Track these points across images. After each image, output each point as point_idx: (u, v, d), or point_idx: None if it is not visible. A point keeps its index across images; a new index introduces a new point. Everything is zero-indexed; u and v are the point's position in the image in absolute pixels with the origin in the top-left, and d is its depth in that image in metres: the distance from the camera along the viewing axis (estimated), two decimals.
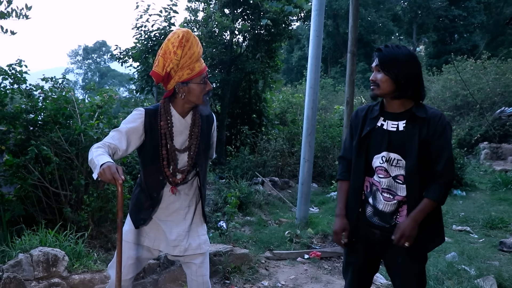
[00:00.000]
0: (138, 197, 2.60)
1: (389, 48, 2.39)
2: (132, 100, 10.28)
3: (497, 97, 20.07)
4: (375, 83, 2.43)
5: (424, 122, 2.36)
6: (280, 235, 5.97)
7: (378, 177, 2.47)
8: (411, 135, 2.37)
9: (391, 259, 2.49)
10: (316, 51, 6.65)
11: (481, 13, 34.91)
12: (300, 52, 37.00)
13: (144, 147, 2.52)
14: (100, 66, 68.90)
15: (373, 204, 2.50)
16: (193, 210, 2.64)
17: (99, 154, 2.19)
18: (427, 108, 2.43)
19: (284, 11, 10.56)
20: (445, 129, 2.36)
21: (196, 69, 2.43)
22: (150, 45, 8.77)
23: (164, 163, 2.48)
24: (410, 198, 2.38)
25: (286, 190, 9.80)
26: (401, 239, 2.33)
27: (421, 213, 2.34)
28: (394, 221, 2.44)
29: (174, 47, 2.35)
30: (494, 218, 7.47)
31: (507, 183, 10.73)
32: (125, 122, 2.47)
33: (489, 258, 5.45)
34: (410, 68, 2.36)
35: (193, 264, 2.63)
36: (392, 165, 2.42)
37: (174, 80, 2.43)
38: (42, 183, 4.79)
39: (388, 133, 2.44)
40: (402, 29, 40.85)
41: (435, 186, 2.34)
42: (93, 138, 4.91)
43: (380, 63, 2.39)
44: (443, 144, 2.35)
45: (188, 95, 2.46)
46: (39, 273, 3.46)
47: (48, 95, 5.15)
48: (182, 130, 2.53)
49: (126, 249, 2.55)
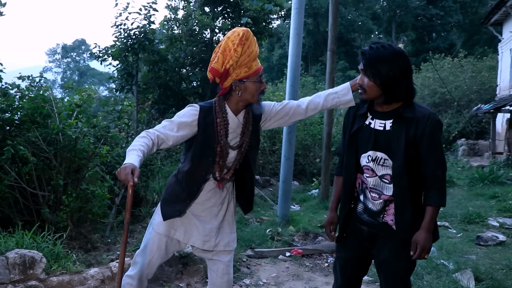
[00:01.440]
0: (174, 188, 2.62)
1: (373, 50, 2.31)
2: (112, 99, 10.16)
3: (473, 95, 20.45)
4: (362, 88, 2.38)
5: (412, 122, 2.31)
6: (262, 233, 5.98)
7: (366, 176, 2.47)
8: (397, 135, 2.33)
9: (377, 255, 2.48)
10: (296, 49, 6.67)
11: (458, 13, 35.47)
12: (281, 50, 37.03)
13: (195, 142, 2.52)
14: (79, 65, 68.03)
15: (363, 201, 2.51)
16: (225, 208, 2.67)
17: (133, 148, 2.26)
18: (416, 107, 2.36)
19: (265, 10, 10.53)
20: (434, 129, 2.30)
21: (253, 67, 2.47)
22: (130, 44, 8.65)
23: (217, 159, 2.52)
24: (397, 199, 2.36)
25: (267, 188, 9.82)
26: (421, 253, 2.31)
27: (432, 222, 2.33)
28: (381, 219, 2.44)
29: (235, 45, 2.39)
30: (472, 213, 7.61)
31: (484, 179, 10.93)
32: (178, 115, 2.51)
33: (466, 252, 5.54)
34: (396, 70, 2.28)
35: (220, 262, 2.65)
36: (379, 164, 2.41)
37: (232, 77, 2.45)
38: (19, 183, 4.71)
39: (375, 132, 2.41)
40: (381, 28, 41.21)
41: (433, 193, 2.33)
42: (72, 137, 4.86)
43: (364, 68, 2.34)
44: (432, 145, 2.31)
45: (244, 93, 2.48)
46: (15, 276, 3.40)
47: (25, 94, 5.07)
48: (235, 128, 2.55)
49: (157, 239, 2.60)
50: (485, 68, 21.42)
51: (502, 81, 17.32)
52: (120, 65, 9.13)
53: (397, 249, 2.38)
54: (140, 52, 8.87)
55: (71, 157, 4.98)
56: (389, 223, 2.43)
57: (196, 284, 4.35)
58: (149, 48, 9.04)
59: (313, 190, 9.74)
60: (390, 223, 2.42)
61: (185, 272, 4.43)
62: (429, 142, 2.30)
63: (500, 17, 16.85)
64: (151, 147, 2.34)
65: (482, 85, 20.62)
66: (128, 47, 8.75)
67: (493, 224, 7.13)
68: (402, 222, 2.36)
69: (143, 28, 8.82)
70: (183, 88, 10.60)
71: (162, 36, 10.39)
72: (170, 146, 2.49)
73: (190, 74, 10.55)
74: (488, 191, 9.84)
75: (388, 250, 2.40)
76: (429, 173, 2.33)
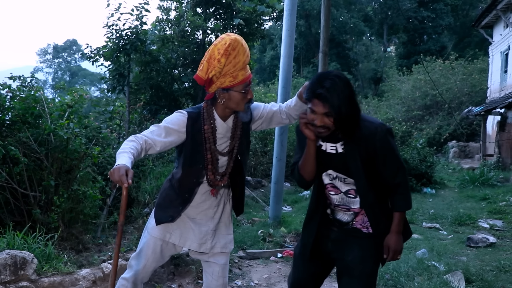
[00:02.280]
0: (168, 193, 2.61)
1: (328, 89, 2.17)
2: (103, 100, 10.13)
3: (464, 97, 20.61)
4: (326, 128, 2.23)
5: (361, 141, 2.29)
6: (253, 234, 5.98)
7: (329, 194, 2.46)
8: (352, 156, 2.31)
9: (343, 256, 2.44)
10: (288, 50, 6.69)
11: (449, 15, 35.72)
12: (273, 52, 37.05)
13: (184, 149, 2.52)
14: (71, 65, 67.54)
15: (332, 214, 2.51)
16: (221, 209, 2.66)
17: (123, 151, 2.25)
18: (361, 123, 2.30)
19: (257, 11, 10.56)
20: (384, 141, 2.30)
21: (239, 77, 2.40)
22: (122, 44, 8.63)
23: (209, 166, 2.50)
24: (369, 215, 2.39)
25: (259, 190, 9.83)
26: (394, 255, 2.37)
27: (400, 225, 2.38)
28: (350, 226, 2.46)
29: (219, 54, 2.33)
30: (462, 215, 7.67)
31: (474, 181, 11.02)
32: (166, 121, 2.49)
33: (457, 254, 5.58)
34: (353, 102, 2.23)
35: (216, 264, 2.64)
36: (341, 181, 2.41)
37: (216, 85, 2.41)
38: (10, 184, 4.67)
39: (329, 155, 2.39)
40: (373, 30, 41.39)
41: (397, 197, 2.37)
42: (63, 138, 4.83)
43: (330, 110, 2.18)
44: (387, 155, 2.32)
45: (228, 102, 2.44)
46: (6, 276, 3.37)
47: (16, 94, 5.03)
48: (224, 133, 2.53)
49: (152, 243, 2.58)
50: (476, 70, 21.61)
51: (493, 83, 17.47)
52: (112, 65, 9.10)
53: (366, 250, 2.39)
54: (132, 52, 8.85)
55: (63, 157, 4.95)
56: (358, 227, 2.45)
57: (188, 285, 4.34)
58: (141, 48, 9.02)
59: (305, 192, 9.75)
60: (359, 227, 2.44)
61: (176, 273, 4.42)
62: (383, 155, 2.31)
63: (491, 20, 17.01)
64: (140, 151, 2.33)
65: (473, 87, 20.80)
66: (120, 48, 8.73)
67: (483, 226, 7.19)
68: (379, 232, 2.40)
69: (135, 29, 8.80)
70: (175, 89, 10.59)
71: (154, 37, 10.39)
72: (157, 152, 2.47)
73: (182, 75, 10.55)
74: (479, 193, 9.92)
75: (356, 251, 2.40)
76: (390, 181, 2.36)
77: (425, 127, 20.26)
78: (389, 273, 4.64)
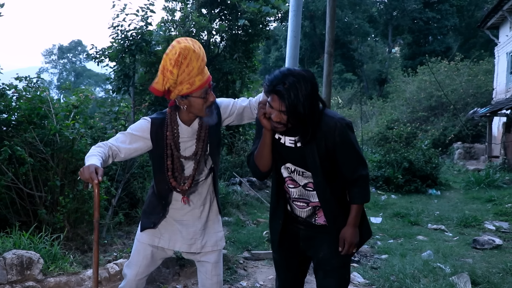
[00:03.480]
0: (151, 199, 2.63)
1: (288, 87, 2.12)
2: (108, 100, 10.15)
3: (469, 98, 20.53)
4: (282, 124, 2.20)
5: (321, 135, 2.27)
6: (258, 235, 5.98)
7: (288, 187, 2.45)
8: (310, 152, 2.29)
9: (315, 254, 2.48)
10: (294, 51, 6.67)
11: (454, 16, 35.63)
12: (277, 52, 37.09)
13: (152, 156, 2.54)
14: (76, 66, 67.77)
15: (291, 210, 2.51)
16: (208, 208, 2.65)
17: (92, 154, 2.25)
18: (322, 120, 2.27)
19: (262, 12, 10.57)
20: (344, 136, 2.27)
21: (196, 83, 2.34)
22: (127, 45, 8.64)
23: (169, 173, 2.47)
24: (326, 210, 2.38)
25: (264, 190, 9.81)
26: (349, 248, 2.37)
27: (357, 218, 2.38)
28: (314, 222, 2.46)
29: (171, 65, 2.28)
30: (468, 216, 7.63)
31: (480, 182, 10.97)
32: (131, 128, 2.49)
33: (463, 256, 5.55)
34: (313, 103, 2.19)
35: (208, 263, 2.64)
36: (299, 175, 2.40)
37: (174, 93, 2.38)
38: (16, 184, 4.69)
39: (287, 149, 2.36)
40: (378, 31, 41.37)
41: (355, 190, 2.36)
42: (69, 138, 4.84)
43: (287, 109, 2.14)
44: (346, 150, 2.30)
45: (189, 108, 2.42)
46: (12, 276, 3.39)
47: (22, 95, 5.05)
48: (190, 136, 2.51)
49: (142, 249, 2.59)
50: (481, 71, 21.52)
51: (499, 84, 17.39)
52: (117, 66, 9.12)
53: (335, 245, 2.40)
54: (137, 53, 8.86)
55: (68, 158, 4.96)
56: (322, 224, 2.45)
57: (193, 285, 4.35)
58: (146, 49, 9.03)
59: None
60: (323, 223, 2.45)
61: (182, 273, 4.42)
62: (342, 149, 2.29)
63: (497, 21, 16.93)
64: (108, 157, 2.33)
65: (479, 88, 20.71)
66: (125, 49, 8.74)
67: (489, 227, 7.15)
68: (337, 228, 2.40)
69: (140, 30, 8.81)
70: None
71: (159, 38, 10.40)
72: (123, 159, 2.45)
73: None
74: (484, 194, 9.87)
75: (326, 247, 2.43)
76: (349, 174, 2.35)
77: (430, 128, 20.19)
78: (395, 275, 4.63)
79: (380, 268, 4.96)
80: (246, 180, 9.44)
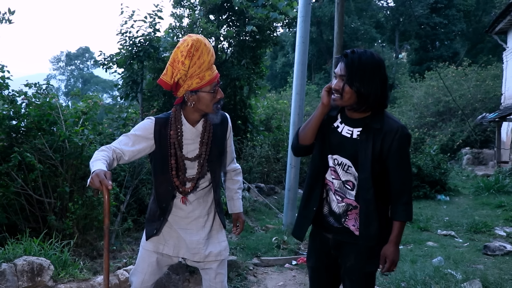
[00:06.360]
0: (151, 206, 2.63)
1: (356, 56, 2.22)
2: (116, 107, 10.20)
3: (478, 103, 20.44)
4: (339, 92, 2.26)
5: (379, 134, 2.26)
6: (267, 242, 5.95)
7: (331, 177, 2.43)
8: (364, 146, 2.28)
9: (342, 262, 2.47)
10: (302, 57, 6.68)
11: (461, 21, 35.55)
12: (284, 58, 37.13)
13: (155, 156, 2.51)
14: (83, 72, 68.24)
15: (329, 202, 2.48)
16: (212, 217, 2.64)
17: (96, 159, 2.21)
18: (386, 118, 2.30)
19: (269, 18, 10.60)
20: (402, 144, 2.27)
21: (206, 78, 2.36)
22: (135, 51, 8.70)
23: (173, 172, 2.47)
24: (362, 212, 2.34)
25: (272, 196, 9.79)
26: (391, 267, 2.36)
27: (399, 236, 2.37)
28: (343, 223, 2.43)
29: (183, 57, 2.30)
30: (478, 222, 7.57)
31: (489, 188, 10.88)
32: (134, 129, 2.48)
33: (474, 262, 5.49)
34: (376, 80, 2.23)
35: (212, 270, 2.62)
36: (343, 169, 2.37)
37: (183, 88, 2.38)
38: (26, 190, 4.71)
39: (342, 138, 2.36)
40: (385, 36, 41.30)
41: (400, 208, 2.33)
42: (78, 144, 4.86)
43: (346, 73, 2.22)
44: (400, 160, 2.29)
45: (197, 104, 2.42)
46: (23, 283, 3.39)
47: (31, 101, 5.07)
48: (194, 138, 2.50)
49: (147, 257, 2.59)
50: (489, 76, 21.43)
51: (507, 90, 17.28)
52: (125, 72, 9.17)
53: (362, 256, 2.39)
54: (145, 59, 8.91)
55: (77, 164, 4.98)
56: (351, 229, 2.42)
57: None
58: (154, 55, 9.07)
59: None
60: (352, 229, 2.42)
61: (192, 280, 4.41)
62: (396, 158, 2.28)
63: (505, 26, 16.84)
64: (112, 160, 2.31)
65: (487, 93, 20.62)
66: (133, 55, 8.79)
67: (500, 233, 7.08)
68: (367, 234, 2.35)
69: (148, 36, 8.86)
70: None
71: (167, 44, 10.43)
72: (127, 161, 2.44)
73: None
74: (494, 200, 9.79)
75: (353, 257, 2.41)
76: (395, 188, 2.32)
77: (438, 133, 20.11)
78: (406, 281, 4.59)
79: (391, 275, 4.92)
80: (254, 186, 9.43)
